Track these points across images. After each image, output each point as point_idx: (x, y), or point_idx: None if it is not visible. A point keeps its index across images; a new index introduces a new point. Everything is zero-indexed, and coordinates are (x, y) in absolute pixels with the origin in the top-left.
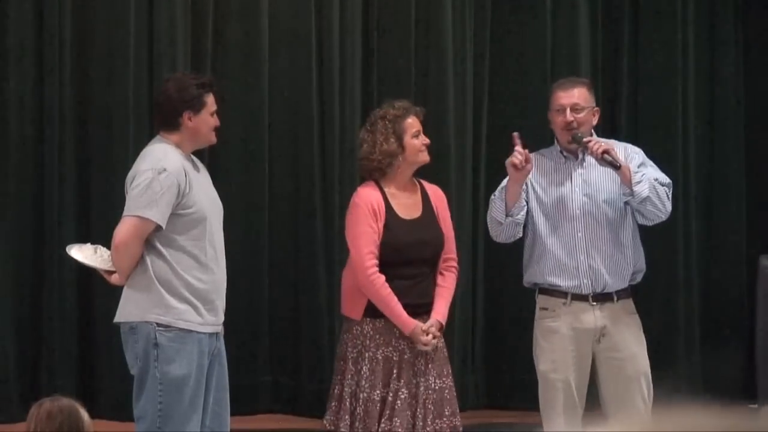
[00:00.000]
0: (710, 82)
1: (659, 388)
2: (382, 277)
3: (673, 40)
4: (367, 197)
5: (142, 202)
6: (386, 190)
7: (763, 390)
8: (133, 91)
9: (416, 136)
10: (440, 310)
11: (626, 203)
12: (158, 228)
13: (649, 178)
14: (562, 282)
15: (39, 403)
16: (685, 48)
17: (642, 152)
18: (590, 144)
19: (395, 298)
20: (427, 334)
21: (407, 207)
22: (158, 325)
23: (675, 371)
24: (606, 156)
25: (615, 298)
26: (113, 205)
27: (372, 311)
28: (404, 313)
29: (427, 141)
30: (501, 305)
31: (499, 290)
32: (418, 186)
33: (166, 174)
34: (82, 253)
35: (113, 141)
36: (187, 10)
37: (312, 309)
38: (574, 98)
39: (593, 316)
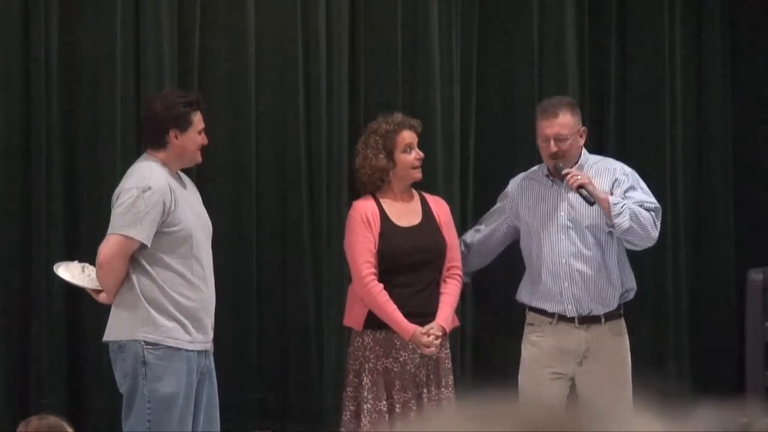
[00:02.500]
0: (698, 92)
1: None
2: (380, 285)
3: (660, 47)
4: (360, 208)
5: (127, 221)
6: (382, 200)
7: (753, 404)
8: (120, 105)
9: (407, 151)
10: (443, 316)
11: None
12: (143, 246)
13: (630, 208)
14: (548, 307)
15: (26, 421)
16: (672, 55)
17: (634, 174)
18: (567, 177)
19: (393, 305)
20: (429, 336)
21: (404, 215)
22: (146, 343)
23: (664, 386)
24: (581, 191)
25: (602, 320)
26: (101, 219)
27: (372, 323)
28: (403, 319)
29: (420, 155)
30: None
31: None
32: (417, 195)
33: (151, 192)
34: (69, 272)
35: (100, 156)
36: (173, 25)
37: (300, 326)
38: (557, 127)
39: (577, 338)
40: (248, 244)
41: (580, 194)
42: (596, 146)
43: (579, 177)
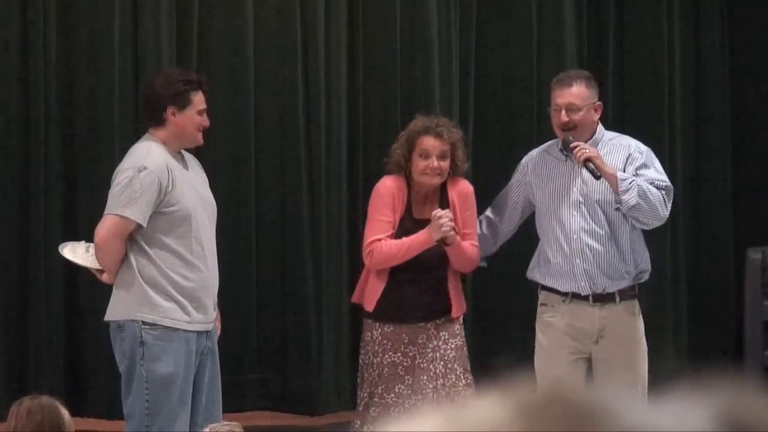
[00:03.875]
0: (696, 76)
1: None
2: (381, 239)
3: (658, 30)
4: (390, 185)
5: (122, 201)
6: (412, 185)
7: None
8: (119, 89)
9: (423, 156)
10: (459, 239)
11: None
12: (141, 226)
13: (639, 185)
14: (561, 286)
15: (19, 401)
16: (671, 36)
17: (649, 152)
18: (575, 150)
19: (402, 239)
20: (438, 219)
21: (421, 205)
22: (144, 323)
23: (662, 365)
24: (588, 164)
25: (617, 299)
26: (100, 200)
27: (380, 314)
28: (415, 236)
29: (434, 165)
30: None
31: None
32: (438, 187)
33: (147, 172)
34: (74, 252)
35: (99, 137)
36: (173, 8)
37: (299, 306)
38: (571, 97)
39: (593, 317)
40: (248, 226)
41: (587, 167)
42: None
43: (587, 150)
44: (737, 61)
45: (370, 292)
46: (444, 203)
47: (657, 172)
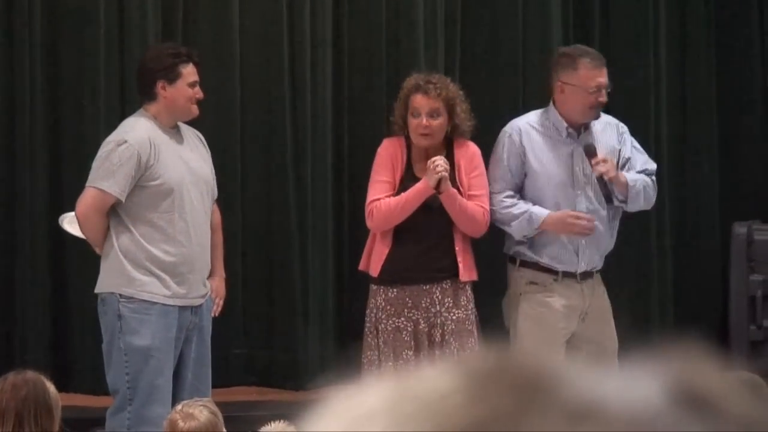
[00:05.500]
0: (681, 66)
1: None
2: (381, 199)
3: (643, 13)
4: (389, 147)
5: (100, 174)
6: (412, 144)
7: (736, 358)
8: (104, 66)
9: (415, 115)
10: (454, 190)
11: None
12: (120, 201)
13: (642, 188)
14: (558, 265)
15: (4, 377)
16: (656, 18)
17: (625, 126)
18: (597, 166)
19: (402, 194)
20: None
21: (425, 164)
22: (121, 296)
23: (648, 342)
24: (608, 185)
25: (593, 273)
26: (84, 172)
27: (384, 277)
28: (415, 187)
29: (423, 123)
30: None
31: None
32: (445, 143)
33: (126, 146)
34: (72, 226)
35: (84, 116)
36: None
37: (285, 280)
38: (606, 78)
39: (580, 294)
40: (233, 201)
41: (604, 187)
42: None
43: (609, 170)
44: (724, 43)
45: (375, 256)
46: (450, 163)
47: (643, 154)
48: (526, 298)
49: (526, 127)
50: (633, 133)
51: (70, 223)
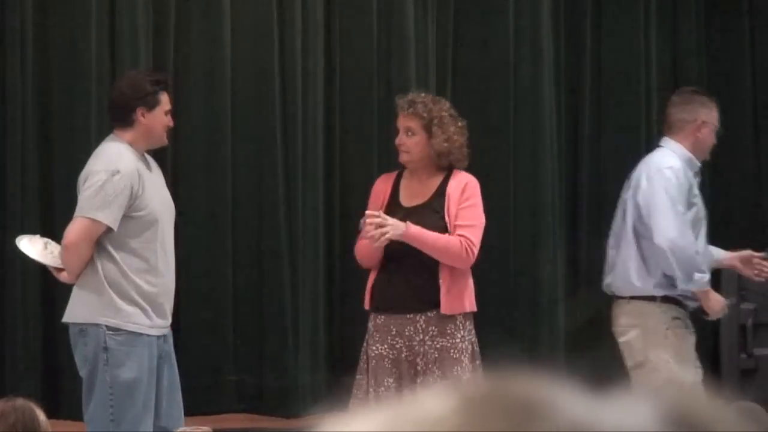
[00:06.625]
0: (672, 71)
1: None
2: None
3: (635, 30)
4: (377, 184)
5: (95, 204)
6: (404, 176)
7: (727, 386)
8: (96, 87)
9: (398, 134)
10: (417, 229)
11: None
12: (110, 230)
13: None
14: (691, 301)
15: None
16: (647, 35)
17: None
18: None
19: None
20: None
21: (415, 194)
22: (108, 328)
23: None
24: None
25: None
26: (76, 202)
27: (374, 304)
28: None
29: (398, 141)
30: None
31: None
32: (443, 174)
33: (120, 176)
34: (32, 245)
35: (75, 137)
36: (149, 4)
37: (275, 308)
38: None
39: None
40: (224, 226)
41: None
42: (572, 124)
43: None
44: (714, 68)
45: (368, 283)
46: (441, 194)
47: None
48: (674, 334)
49: (679, 165)
50: (621, 156)
51: (28, 246)
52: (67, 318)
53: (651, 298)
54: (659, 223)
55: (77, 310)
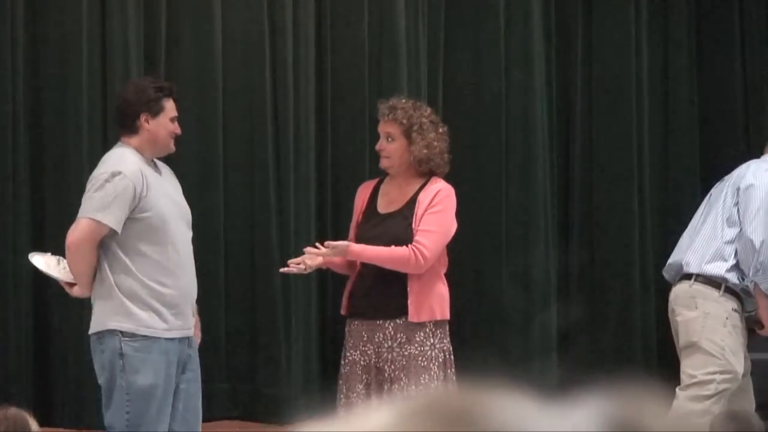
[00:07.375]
0: (664, 82)
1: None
2: None
3: (626, 40)
4: (359, 192)
5: (96, 205)
6: (384, 183)
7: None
8: (87, 95)
9: (379, 140)
10: (359, 247)
11: None
12: (115, 233)
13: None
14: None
15: None
16: (639, 46)
17: None
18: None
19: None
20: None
21: (391, 201)
22: (122, 334)
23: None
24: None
25: None
26: (68, 210)
27: (348, 310)
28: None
29: (377, 146)
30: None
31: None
32: (422, 181)
33: (121, 177)
34: (45, 260)
35: (67, 146)
36: (140, 12)
37: (268, 315)
38: None
39: None
40: (216, 233)
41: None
42: (563, 129)
43: None
44: (704, 71)
45: (346, 290)
46: (413, 201)
47: None
48: (732, 324)
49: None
50: (612, 164)
51: (42, 261)
52: (90, 330)
53: (716, 285)
54: (757, 218)
55: (94, 320)
